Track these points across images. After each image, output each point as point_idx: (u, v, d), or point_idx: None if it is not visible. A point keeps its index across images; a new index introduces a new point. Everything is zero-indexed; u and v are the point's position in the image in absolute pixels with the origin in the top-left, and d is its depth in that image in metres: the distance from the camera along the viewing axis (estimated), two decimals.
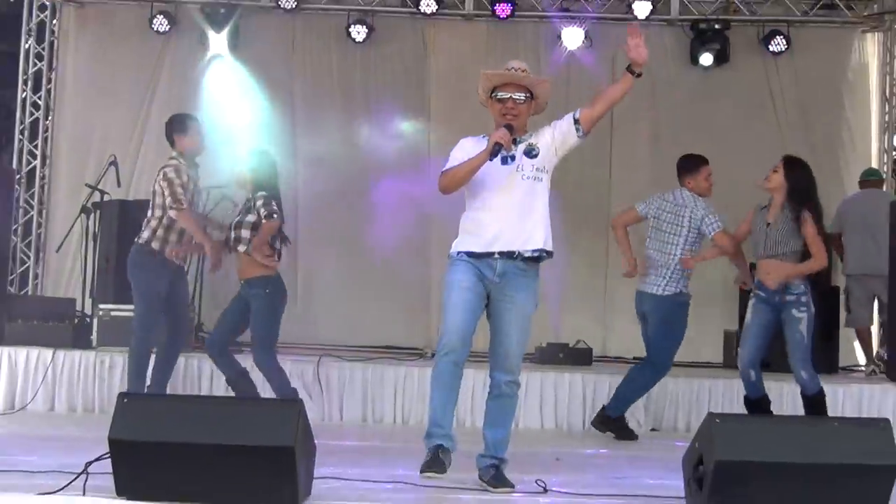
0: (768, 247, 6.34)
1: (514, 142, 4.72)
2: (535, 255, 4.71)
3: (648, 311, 6.77)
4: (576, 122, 4.80)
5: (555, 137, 4.80)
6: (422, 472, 4.63)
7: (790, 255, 6.32)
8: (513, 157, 4.72)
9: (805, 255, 6.27)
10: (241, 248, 6.46)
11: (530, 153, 4.75)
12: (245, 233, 6.46)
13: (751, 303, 6.55)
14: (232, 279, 6.90)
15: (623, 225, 6.96)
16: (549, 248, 4.75)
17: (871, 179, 9.08)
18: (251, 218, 6.47)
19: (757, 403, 6.61)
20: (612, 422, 6.80)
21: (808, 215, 6.20)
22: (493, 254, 4.66)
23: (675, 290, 6.62)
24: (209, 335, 7.24)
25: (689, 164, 6.84)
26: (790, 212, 6.27)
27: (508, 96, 4.75)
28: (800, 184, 6.34)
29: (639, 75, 4.82)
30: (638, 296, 6.85)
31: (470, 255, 4.71)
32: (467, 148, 4.82)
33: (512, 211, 4.69)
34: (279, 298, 6.72)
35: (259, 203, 6.43)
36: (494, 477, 4.62)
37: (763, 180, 6.44)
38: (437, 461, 4.66)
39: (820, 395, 6.47)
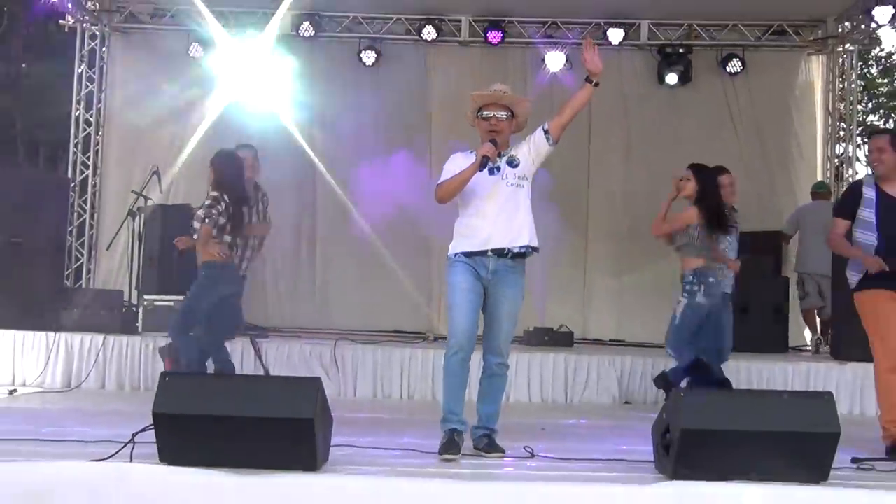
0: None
1: (499, 155, 4.77)
2: (523, 251, 4.76)
3: None
4: (546, 132, 4.83)
5: (531, 149, 4.85)
6: (440, 453, 4.60)
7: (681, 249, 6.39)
8: (498, 168, 4.77)
9: (695, 250, 6.30)
10: (194, 236, 6.46)
11: (512, 163, 4.81)
12: (196, 224, 6.42)
13: None
14: None
15: None
16: (534, 244, 4.81)
17: (821, 192, 9.19)
18: (202, 212, 6.43)
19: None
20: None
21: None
22: (486, 252, 4.71)
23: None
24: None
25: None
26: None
27: (492, 114, 4.81)
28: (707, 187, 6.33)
29: (596, 84, 4.72)
30: None
31: (466, 255, 4.76)
32: (458, 161, 4.86)
33: (500, 214, 4.74)
34: (214, 284, 6.58)
35: (201, 206, 6.44)
36: (487, 445, 4.69)
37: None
38: (453, 443, 4.66)
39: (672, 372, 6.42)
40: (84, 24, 10.14)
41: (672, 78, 10.01)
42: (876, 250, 5.09)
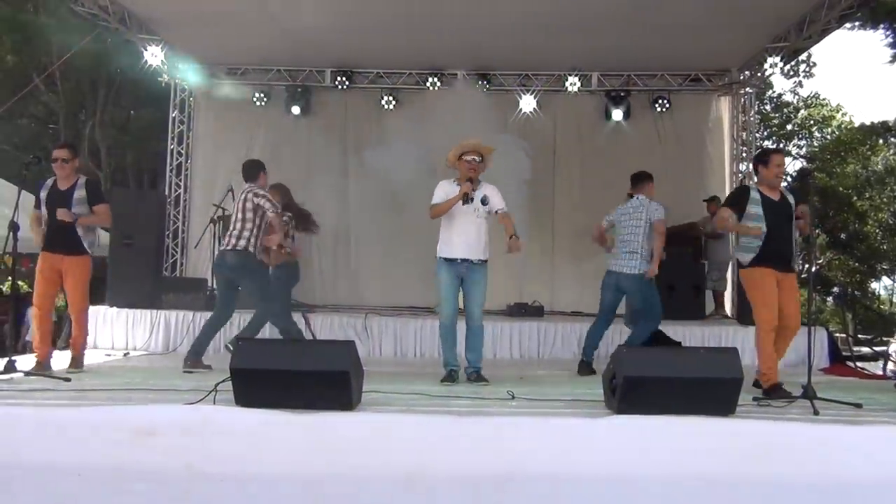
0: None
1: (474, 189, 5.35)
2: (482, 262, 5.40)
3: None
4: (497, 212, 5.44)
5: (492, 201, 5.42)
6: (442, 381, 5.23)
7: None
8: (472, 199, 5.33)
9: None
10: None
11: (484, 202, 5.39)
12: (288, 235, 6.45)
13: None
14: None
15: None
16: (486, 257, 5.42)
17: (713, 202, 9.12)
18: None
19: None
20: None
21: None
22: (458, 260, 5.36)
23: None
24: None
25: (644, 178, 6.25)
26: None
27: (471, 158, 5.34)
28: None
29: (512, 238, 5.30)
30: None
31: (446, 259, 5.38)
32: (444, 187, 5.44)
33: (470, 236, 5.35)
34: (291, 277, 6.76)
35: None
36: (476, 377, 5.32)
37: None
38: (451, 376, 5.33)
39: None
40: (176, 80, 10.12)
41: (616, 114, 9.97)
42: (766, 240, 5.02)
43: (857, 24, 15.16)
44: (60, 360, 5.78)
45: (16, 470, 3.44)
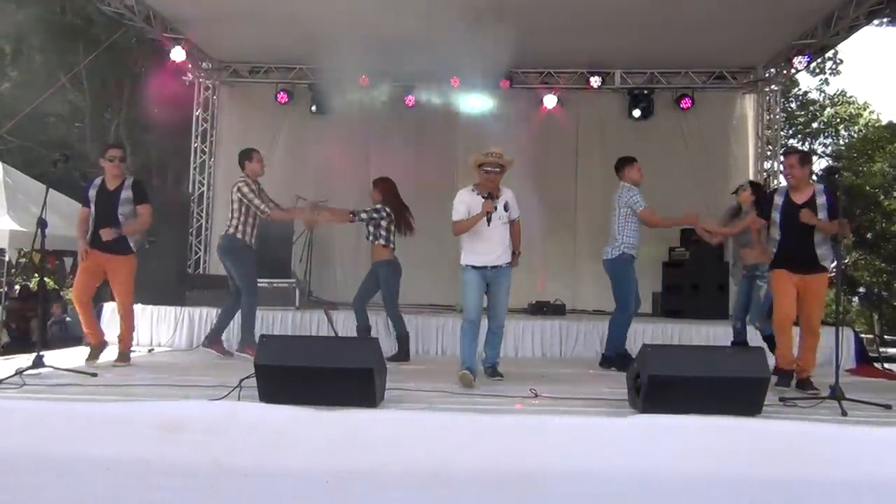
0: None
1: (495, 201, 5.28)
2: (507, 265, 5.43)
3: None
4: (511, 221, 5.44)
5: (510, 207, 5.42)
6: (461, 381, 5.05)
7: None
8: (495, 209, 5.29)
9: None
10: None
11: (506, 208, 5.38)
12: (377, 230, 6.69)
13: None
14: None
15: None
16: (509, 261, 5.44)
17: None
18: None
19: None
20: (610, 360, 6.28)
21: None
22: (486, 266, 5.35)
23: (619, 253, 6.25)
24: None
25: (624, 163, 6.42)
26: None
27: (490, 170, 5.24)
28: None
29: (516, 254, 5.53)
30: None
31: (472, 266, 5.37)
32: (464, 198, 5.36)
33: (494, 243, 5.34)
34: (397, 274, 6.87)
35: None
36: (492, 372, 5.45)
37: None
38: (466, 376, 5.08)
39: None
40: (200, 79, 10.21)
41: (638, 112, 9.90)
42: (781, 243, 5.24)
43: (885, 20, 14.93)
44: (107, 354, 5.93)
45: (45, 463, 3.50)
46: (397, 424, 3.78)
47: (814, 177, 5.51)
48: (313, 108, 10.07)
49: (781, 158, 9.23)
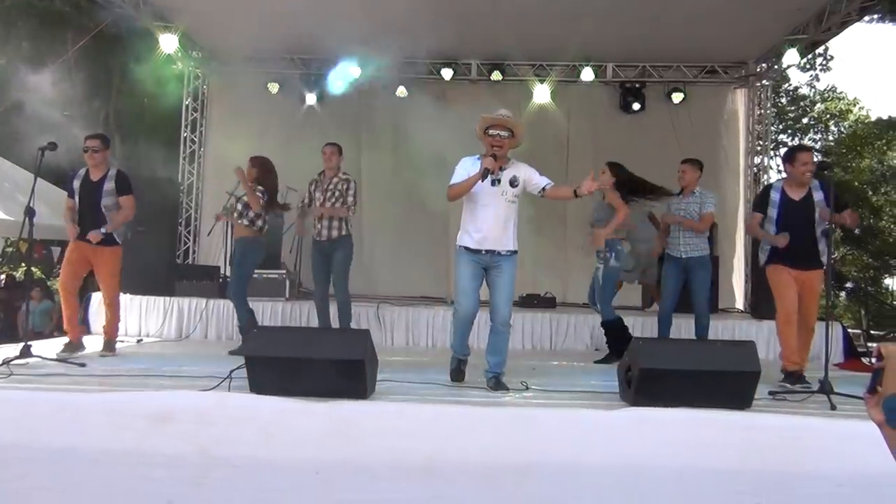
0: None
1: (500, 169, 4.57)
2: (510, 253, 4.65)
3: None
4: (542, 189, 4.66)
5: (527, 183, 4.67)
6: (451, 379, 4.85)
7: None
8: (499, 181, 4.56)
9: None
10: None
11: (513, 183, 4.61)
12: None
13: None
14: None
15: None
16: (515, 248, 4.68)
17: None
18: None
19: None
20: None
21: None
22: (482, 251, 4.60)
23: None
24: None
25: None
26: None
27: (497, 133, 4.58)
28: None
29: (577, 196, 4.61)
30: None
31: (467, 249, 4.64)
32: (466, 165, 4.68)
33: (496, 223, 4.59)
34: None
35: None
36: (495, 384, 4.61)
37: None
38: (459, 372, 4.90)
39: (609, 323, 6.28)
40: (190, 68, 10.13)
41: (630, 106, 9.91)
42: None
43: (876, 17, 14.99)
44: (93, 343, 5.90)
45: (34, 453, 3.47)
46: (388, 416, 3.77)
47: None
48: (305, 97, 10.01)
49: (773, 154, 9.29)
